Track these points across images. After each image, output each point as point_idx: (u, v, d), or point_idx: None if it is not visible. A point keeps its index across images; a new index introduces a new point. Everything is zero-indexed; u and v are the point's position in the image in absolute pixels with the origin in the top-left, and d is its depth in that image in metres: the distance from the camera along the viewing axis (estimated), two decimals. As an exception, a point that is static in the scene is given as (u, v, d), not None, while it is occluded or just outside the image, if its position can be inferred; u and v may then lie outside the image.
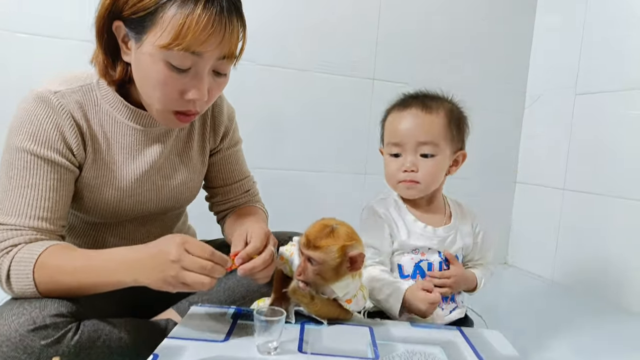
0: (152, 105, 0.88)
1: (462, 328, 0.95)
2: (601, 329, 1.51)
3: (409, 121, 1.05)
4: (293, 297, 0.90)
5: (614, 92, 1.79)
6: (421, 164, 1.05)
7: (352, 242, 0.87)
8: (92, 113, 0.92)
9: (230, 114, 1.13)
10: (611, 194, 1.78)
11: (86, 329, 0.78)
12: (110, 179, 0.94)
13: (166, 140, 1.00)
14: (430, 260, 1.06)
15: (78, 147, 0.89)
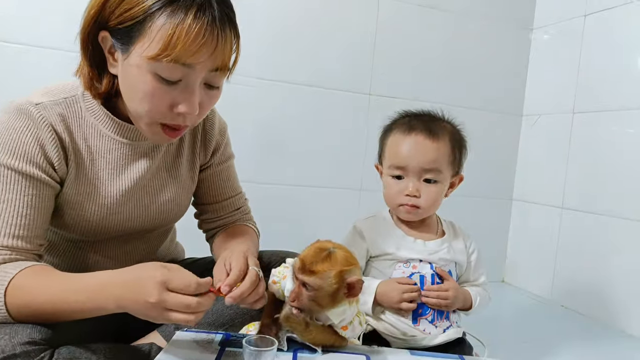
0: (139, 119, 0.84)
1: (465, 357, 0.90)
2: (600, 352, 1.46)
3: (414, 147, 1.03)
4: (286, 323, 0.85)
5: (612, 111, 1.77)
6: (424, 189, 1.04)
7: (350, 267, 0.82)
8: (76, 126, 0.87)
9: (222, 128, 1.08)
10: (611, 213, 1.74)
11: (61, 357, 0.72)
12: (93, 195, 0.89)
13: (154, 155, 0.96)
14: (423, 273, 1.03)
15: (59, 162, 0.84)
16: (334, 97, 1.88)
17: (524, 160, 2.19)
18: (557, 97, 2.01)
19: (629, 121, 1.71)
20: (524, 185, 2.18)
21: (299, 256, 0.85)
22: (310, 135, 1.87)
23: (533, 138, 2.14)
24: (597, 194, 1.81)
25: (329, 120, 1.89)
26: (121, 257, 1.00)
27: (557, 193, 1.98)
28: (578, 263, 1.87)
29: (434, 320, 1.00)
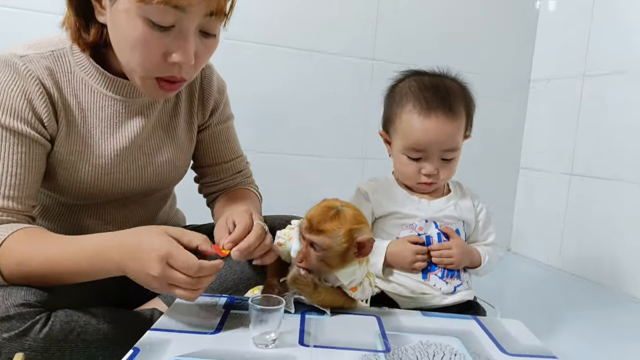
0: (132, 71, 0.78)
1: (479, 317, 0.86)
2: (611, 318, 1.43)
3: (434, 132, 0.97)
4: (293, 286, 0.81)
5: (623, 73, 1.71)
6: (442, 167, 1.00)
7: (360, 226, 0.78)
8: (65, 81, 0.82)
9: (220, 87, 1.03)
10: (620, 178, 1.70)
11: (58, 319, 0.69)
12: (86, 154, 0.84)
13: (149, 114, 0.91)
14: (428, 234, 1.00)
15: (49, 118, 0.79)
16: (335, 63, 1.81)
17: (531, 127, 2.13)
18: (567, 60, 1.94)
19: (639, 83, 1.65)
20: (531, 152, 2.13)
21: (306, 215, 0.81)
22: (311, 103, 1.81)
23: (541, 103, 2.08)
24: (606, 159, 1.76)
25: (330, 87, 1.83)
26: (119, 221, 0.96)
27: (565, 159, 1.93)
28: (586, 230, 1.83)
29: (444, 277, 0.97)
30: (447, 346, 0.72)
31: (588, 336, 1.26)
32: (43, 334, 0.66)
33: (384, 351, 0.69)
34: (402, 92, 1.02)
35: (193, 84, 0.98)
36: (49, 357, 0.66)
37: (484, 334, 0.78)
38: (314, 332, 0.73)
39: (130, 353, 0.62)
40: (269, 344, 0.67)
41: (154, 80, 0.78)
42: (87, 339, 0.71)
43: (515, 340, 0.76)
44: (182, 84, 0.82)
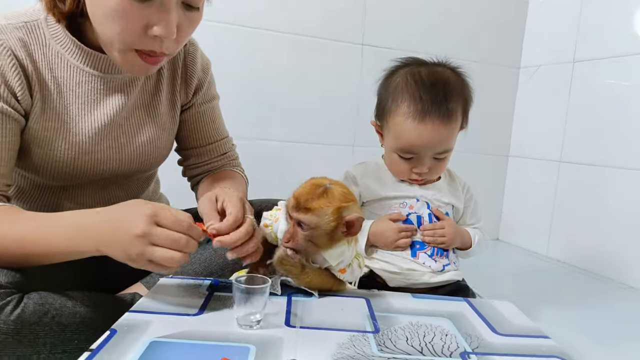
0: (110, 44, 0.75)
1: (469, 299, 0.85)
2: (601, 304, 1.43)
3: (429, 136, 0.94)
4: (280, 267, 0.78)
5: (613, 58, 1.70)
6: (434, 165, 0.98)
7: (348, 204, 0.76)
8: (39, 54, 0.78)
9: (205, 65, 0.99)
10: (610, 164, 1.70)
11: (31, 301, 0.65)
12: (62, 132, 0.80)
13: (130, 91, 0.87)
14: (420, 214, 0.98)
15: (22, 92, 0.75)
16: (324, 48, 1.78)
17: (521, 114, 2.12)
18: (557, 46, 1.93)
19: (629, 68, 1.64)
20: (521, 140, 2.12)
21: (293, 194, 0.78)
22: (299, 89, 1.78)
23: (531, 90, 2.07)
24: (596, 145, 1.76)
25: (319, 72, 1.79)
26: (98, 204, 0.92)
27: (555, 146, 1.92)
28: (576, 217, 1.83)
29: (433, 255, 0.96)
30: (437, 327, 0.70)
31: (578, 321, 1.26)
32: (14, 315, 0.62)
33: (373, 332, 0.67)
34: (397, 87, 0.97)
35: (176, 61, 0.94)
36: (20, 339, 0.62)
37: (475, 315, 0.76)
38: (300, 313, 0.71)
39: (107, 335, 0.59)
40: (254, 325, 0.65)
41: (134, 52, 0.74)
42: (62, 322, 0.67)
43: (507, 321, 0.75)
44: (163, 59, 0.78)
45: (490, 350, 0.64)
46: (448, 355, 0.61)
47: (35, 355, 0.64)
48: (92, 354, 0.54)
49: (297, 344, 0.61)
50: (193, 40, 0.97)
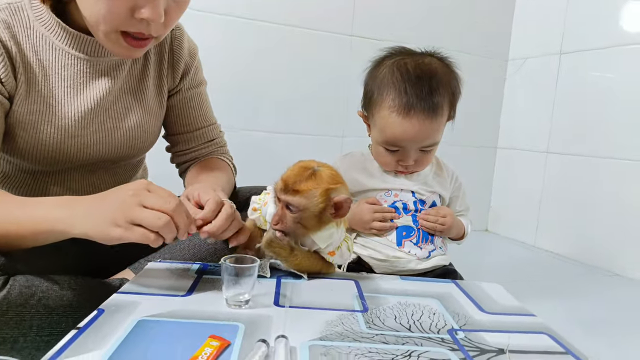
0: (96, 25, 0.74)
1: (457, 281, 0.85)
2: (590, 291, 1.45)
3: (414, 132, 0.92)
4: (269, 249, 0.78)
5: (600, 50, 1.72)
6: (420, 157, 0.97)
7: (336, 185, 0.76)
8: (23, 36, 0.77)
9: (192, 50, 0.99)
10: (597, 154, 1.72)
11: (17, 283, 0.65)
12: (48, 115, 0.80)
13: (116, 75, 0.86)
14: (405, 201, 0.98)
15: (6, 74, 0.74)
16: (313, 39, 1.78)
17: (509, 106, 2.14)
18: (544, 38, 1.95)
19: (615, 60, 1.67)
20: (509, 132, 2.14)
21: (281, 176, 0.78)
22: (288, 80, 1.78)
23: (519, 82, 2.09)
24: (583, 136, 1.78)
25: (308, 63, 1.79)
26: (86, 190, 0.92)
27: (542, 138, 1.94)
28: (563, 207, 1.86)
29: (419, 242, 0.96)
30: (425, 306, 0.71)
31: (565, 307, 1.27)
32: (0, 297, 0.62)
33: (362, 311, 0.67)
34: (383, 79, 0.95)
35: (162, 45, 0.94)
36: (6, 321, 0.62)
37: (462, 295, 0.77)
38: (289, 294, 0.71)
39: (94, 314, 0.59)
40: (242, 304, 0.65)
41: (119, 35, 0.74)
42: (49, 304, 0.67)
43: (494, 301, 0.75)
44: (149, 42, 0.78)
45: (478, 327, 0.64)
46: (436, 332, 0.62)
47: (22, 337, 0.64)
48: (79, 332, 0.54)
49: (286, 322, 0.61)
50: (180, 25, 0.96)
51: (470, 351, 0.57)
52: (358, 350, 0.55)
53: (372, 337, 0.58)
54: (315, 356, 0.52)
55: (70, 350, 0.50)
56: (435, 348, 0.57)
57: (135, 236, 0.61)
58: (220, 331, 0.56)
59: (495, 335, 0.62)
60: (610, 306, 1.33)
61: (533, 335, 0.63)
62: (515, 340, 0.60)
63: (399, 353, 0.55)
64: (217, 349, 0.52)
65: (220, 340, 0.53)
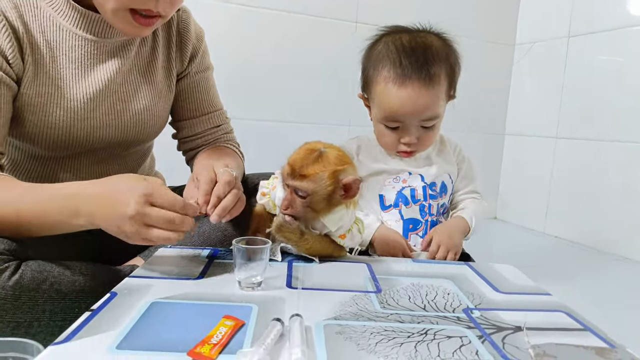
0: (105, 2, 0.73)
1: (470, 263, 0.85)
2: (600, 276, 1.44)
3: (411, 101, 0.90)
4: (279, 234, 0.77)
5: (608, 32, 1.70)
6: (423, 135, 0.95)
7: (344, 166, 0.75)
8: (30, 16, 0.76)
9: (198, 33, 0.98)
10: (607, 138, 1.70)
11: (29, 268, 0.64)
12: (56, 97, 0.79)
13: (124, 56, 0.86)
14: (413, 186, 0.97)
15: (14, 55, 0.73)
16: (317, 26, 1.77)
17: (517, 92, 2.12)
18: (551, 22, 1.92)
19: (623, 42, 1.64)
20: (516, 118, 2.12)
21: (287, 160, 0.77)
22: (292, 68, 1.76)
23: (526, 67, 2.07)
24: (592, 120, 1.76)
25: (312, 52, 1.78)
26: (94, 177, 0.91)
27: (551, 123, 1.92)
28: (573, 193, 1.84)
29: (426, 235, 0.95)
30: (439, 286, 0.70)
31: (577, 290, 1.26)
32: (12, 281, 0.61)
33: (375, 292, 0.66)
34: (378, 54, 0.95)
35: (170, 28, 0.93)
36: (19, 306, 0.62)
37: (476, 276, 0.76)
38: (301, 276, 0.71)
39: (107, 297, 0.58)
40: (255, 286, 0.64)
41: (127, 12, 0.74)
42: (61, 289, 0.67)
43: (508, 281, 0.75)
44: (157, 21, 0.77)
45: (494, 306, 0.64)
46: (451, 311, 0.61)
47: (36, 322, 0.64)
48: (93, 314, 0.54)
49: (299, 303, 0.60)
50: (185, 8, 0.96)
51: (487, 329, 0.56)
52: (373, 329, 0.54)
53: (387, 317, 0.58)
54: (331, 335, 0.52)
55: (84, 331, 0.50)
56: (451, 326, 0.56)
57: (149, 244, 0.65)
58: (234, 312, 0.56)
59: (511, 313, 0.61)
60: (622, 289, 1.32)
61: (550, 313, 0.62)
62: (532, 318, 0.60)
63: (415, 331, 0.54)
64: (232, 328, 0.51)
65: (234, 320, 0.53)
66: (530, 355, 0.50)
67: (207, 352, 0.46)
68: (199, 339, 0.48)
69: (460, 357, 0.49)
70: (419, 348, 0.50)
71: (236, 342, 0.49)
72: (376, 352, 0.49)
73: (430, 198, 0.97)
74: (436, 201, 0.98)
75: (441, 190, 0.98)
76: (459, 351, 0.50)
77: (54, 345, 0.46)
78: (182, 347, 0.47)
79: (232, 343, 0.49)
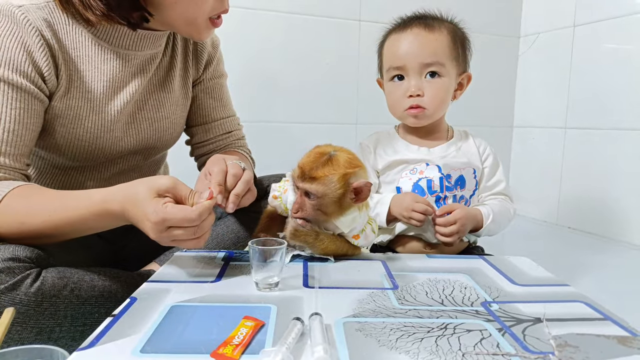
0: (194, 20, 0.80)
1: (485, 256, 0.84)
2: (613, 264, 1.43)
3: (411, 41, 0.96)
4: (295, 239, 0.77)
5: (614, 19, 1.68)
6: (427, 86, 0.95)
7: (354, 169, 0.74)
8: (63, 33, 0.77)
9: (214, 41, 1.00)
10: (617, 127, 1.69)
11: (49, 275, 0.65)
12: (86, 110, 0.80)
13: (149, 69, 0.87)
14: (430, 177, 0.96)
15: (49, 72, 0.75)
16: (321, 25, 1.77)
17: (523, 84, 2.10)
18: (556, 11, 1.91)
19: (629, 29, 1.62)
20: (524, 110, 2.11)
21: (298, 163, 0.77)
22: (298, 68, 1.76)
23: (532, 59, 2.05)
24: (601, 109, 1.74)
25: (317, 51, 1.78)
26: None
27: (559, 114, 1.91)
28: (583, 183, 1.82)
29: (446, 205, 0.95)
30: (456, 281, 0.70)
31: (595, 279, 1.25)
32: (34, 288, 0.62)
33: (392, 288, 0.66)
34: (389, 31, 1.02)
35: (187, 39, 0.94)
36: (42, 312, 0.63)
37: (492, 270, 0.76)
38: (318, 276, 0.71)
39: (127, 302, 0.59)
40: (272, 287, 0.65)
41: (208, 20, 0.81)
42: (81, 295, 0.67)
43: (525, 273, 0.74)
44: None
45: (512, 298, 0.64)
46: (469, 305, 0.61)
47: (58, 327, 0.64)
48: (115, 319, 0.54)
49: (318, 302, 0.61)
50: None
51: (506, 321, 0.56)
52: (393, 325, 0.54)
53: (406, 312, 0.58)
54: (351, 332, 0.52)
55: (107, 336, 0.50)
56: (470, 320, 0.56)
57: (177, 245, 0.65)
58: (253, 313, 0.56)
59: (530, 305, 0.61)
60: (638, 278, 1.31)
61: (569, 303, 0.62)
62: (551, 310, 0.59)
63: (435, 326, 0.54)
64: (252, 329, 0.52)
65: (254, 320, 0.53)
66: (552, 345, 0.50)
67: (230, 353, 0.46)
68: (220, 340, 0.49)
69: (482, 350, 0.49)
70: (440, 342, 0.50)
71: (257, 342, 0.50)
72: (397, 348, 0.49)
73: (447, 190, 0.96)
74: (452, 192, 0.97)
75: (456, 183, 0.97)
76: (479, 344, 0.50)
77: (79, 350, 0.47)
78: (205, 349, 0.47)
79: (254, 343, 0.49)
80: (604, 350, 0.49)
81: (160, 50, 0.89)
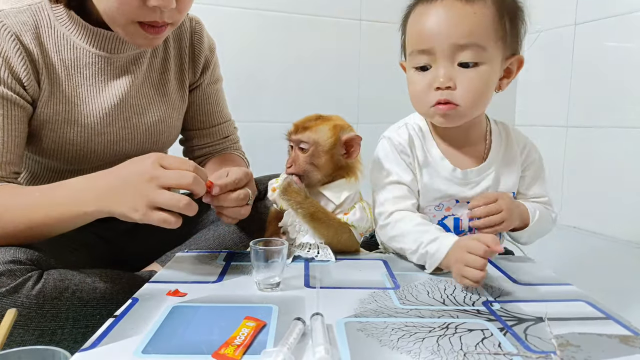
0: (113, 20, 0.74)
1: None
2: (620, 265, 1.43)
3: (440, 16, 0.72)
4: (284, 196, 0.76)
5: (617, 17, 1.68)
6: (460, 76, 0.73)
7: (345, 125, 0.80)
8: (45, 37, 0.77)
9: (211, 45, 1.00)
10: (619, 125, 1.68)
11: (51, 277, 0.65)
12: (73, 114, 0.80)
13: (136, 70, 0.87)
14: (458, 215, 0.80)
15: (28, 78, 0.75)
16: (321, 25, 1.76)
17: (524, 83, 2.10)
18: (557, 9, 1.90)
19: (631, 26, 1.62)
20: (525, 108, 2.10)
21: (292, 123, 0.82)
22: (297, 69, 1.76)
23: (533, 57, 2.04)
24: (603, 108, 1.74)
25: (317, 51, 1.78)
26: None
27: (561, 112, 1.90)
28: (587, 181, 1.82)
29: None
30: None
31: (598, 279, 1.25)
32: (36, 290, 0.62)
33: (394, 288, 0.66)
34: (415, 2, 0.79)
35: (182, 39, 0.94)
36: (43, 314, 0.63)
37: (493, 269, 0.75)
38: (319, 276, 0.71)
39: (129, 303, 0.59)
40: (274, 287, 0.65)
41: (136, 25, 0.74)
42: (83, 297, 0.67)
43: (526, 273, 0.74)
44: (167, 29, 0.78)
45: (513, 297, 0.63)
46: (471, 304, 0.61)
47: (59, 329, 0.65)
48: (116, 320, 0.54)
49: (319, 302, 0.61)
50: (199, 19, 0.97)
51: (508, 321, 0.56)
52: (394, 325, 0.54)
53: (407, 312, 0.58)
54: (352, 332, 0.52)
55: (109, 337, 0.50)
56: (472, 319, 0.56)
57: (155, 220, 0.62)
58: (255, 313, 0.56)
59: (531, 304, 0.61)
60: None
61: (571, 303, 0.62)
62: (553, 309, 0.59)
63: (436, 326, 0.54)
64: (254, 329, 0.52)
65: (256, 321, 0.53)
66: (553, 345, 0.50)
67: (232, 353, 0.46)
68: (222, 340, 0.49)
69: (483, 350, 0.49)
70: (441, 342, 0.50)
71: (259, 342, 0.50)
72: (399, 348, 0.49)
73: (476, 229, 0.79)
74: None
75: None
76: (481, 344, 0.50)
77: (81, 352, 0.47)
78: (207, 349, 0.47)
79: (255, 343, 0.49)
80: (606, 349, 0.49)
81: (145, 51, 0.88)
